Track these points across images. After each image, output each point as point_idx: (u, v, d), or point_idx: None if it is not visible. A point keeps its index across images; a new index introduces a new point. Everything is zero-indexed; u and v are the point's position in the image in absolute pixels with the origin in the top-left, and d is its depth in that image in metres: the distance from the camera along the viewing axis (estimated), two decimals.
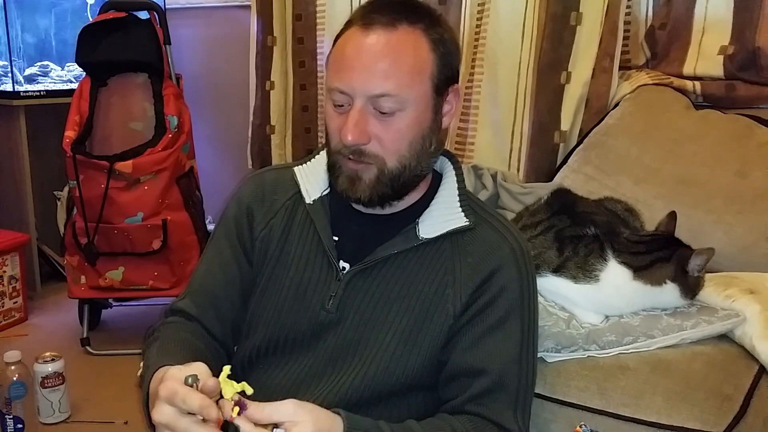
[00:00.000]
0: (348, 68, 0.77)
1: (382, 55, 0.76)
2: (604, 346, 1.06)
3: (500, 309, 0.83)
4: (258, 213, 0.91)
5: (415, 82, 0.78)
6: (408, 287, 0.84)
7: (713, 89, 1.69)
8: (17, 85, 2.36)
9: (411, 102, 0.78)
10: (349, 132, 0.77)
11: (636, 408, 0.98)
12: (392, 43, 0.77)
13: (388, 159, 0.80)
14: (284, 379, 0.86)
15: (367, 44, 0.77)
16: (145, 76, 2.08)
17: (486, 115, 1.90)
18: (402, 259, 0.84)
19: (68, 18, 2.50)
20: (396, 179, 0.81)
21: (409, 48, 0.78)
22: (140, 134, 2.05)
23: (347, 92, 0.78)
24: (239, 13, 2.47)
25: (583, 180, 1.58)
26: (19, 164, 2.40)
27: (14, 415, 1.52)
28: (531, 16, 1.80)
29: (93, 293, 2.05)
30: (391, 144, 0.79)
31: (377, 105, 0.77)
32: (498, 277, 0.83)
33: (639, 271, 1.07)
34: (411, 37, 0.78)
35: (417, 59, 0.78)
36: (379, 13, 0.78)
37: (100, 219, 1.93)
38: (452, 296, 0.83)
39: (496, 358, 0.82)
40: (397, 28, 0.77)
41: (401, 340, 0.83)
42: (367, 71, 0.76)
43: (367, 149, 0.79)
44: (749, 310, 1.07)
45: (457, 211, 0.85)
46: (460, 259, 0.84)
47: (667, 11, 1.79)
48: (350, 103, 0.78)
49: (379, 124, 0.78)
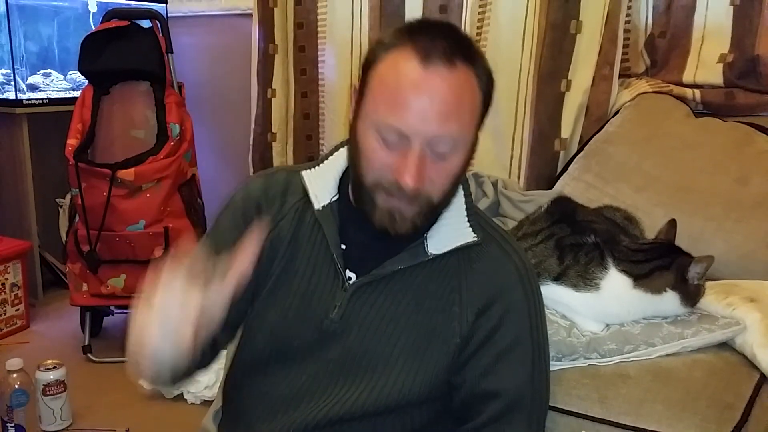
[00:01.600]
0: (407, 107, 0.73)
1: (447, 96, 0.73)
2: (605, 355, 1.06)
3: (510, 331, 0.83)
4: (266, 211, 0.89)
5: (470, 125, 0.77)
6: (415, 303, 0.83)
7: (713, 97, 1.69)
8: (20, 93, 2.38)
9: (465, 143, 0.77)
10: (412, 178, 0.74)
11: (637, 416, 0.97)
12: (453, 84, 0.74)
13: (436, 197, 0.79)
14: (287, 389, 0.85)
15: (428, 83, 0.73)
16: (147, 84, 2.09)
17: (486, 123, 1.90)
18: (409, 274, 0.83)
19: (71, 26, 2.52)
20: (436, 210, 0.81)
21: (468, 89, 0.76)
22: (142, 142, 2.06)
23: (406, 133, 0.74)
24: (241, 22, 2.49)
25: (583, 188, 1.59)
26: (22, 172, 2.41)
27: (16, 423, 1.53)
28: (531, 24, 1.81)
29: (95, 301, 2.05)
30: (442, 184, 0.78)
31: (434, 147, 0.75)
32: (504, 299, 0.83)
33: (639, 279, 1.07)
34: (467, 77, 0.75)
35: (473, 100, 0.77)
36: (433, 41, 0.74)
37: (102, 226, 1.93)
38: (458, 314, 0.83)
39: (510, 381, 0.82)
40: (456, 65, 0.74)
41: (407, 356, 0.82)
42: (433, 113, 0.73)
43: (422, 191, 0.77)
44: (750, 318, 1.07)
45: (466, 227, 0.85)
46: (467, 276, 0.84)
47: (666, 19, 1.80)
48: (404, 143, 0.74)
49: (434, 166, 0.76)
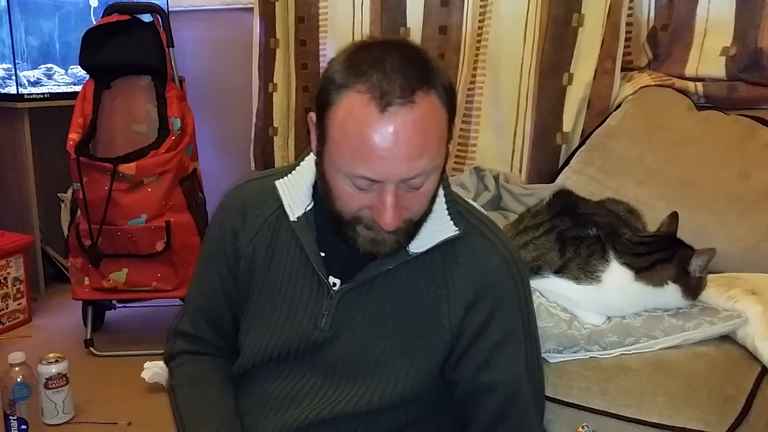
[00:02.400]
0: (374, 157, 0.71)
1: (412, 138, 0.71)
2: (606, 347, 1.06)
3: (503, 323, 0.83)
4: (241, 232, 0.89)
5: (441, 150, 0.75)
6: (402, 303, 0.83)
7: (715, 90, 1.68)
8: (21, 88, 2.38)
9: (437, 167, 0.76)
10: (391, 219, 0.73)
11: (638, 409, 0.97)
12: (417, 120, 0.71)
13: (415, 217, 0.78)
14: (279, 393, 0.85)
15: (391, 129, 0.70)
16: (148, 78, 2.09)
17: (488, 116, 1.90)
18: (393, 274, 0.83)
19: (72, 21, 2.51)
20: (416, 228, 0.80)
21: (432, 118, 0.73)
22: (144, 136, 2.06)
23: (378, 179, 0.73)
24: (242, 16, 2.48)
25: (585, 181, 1.59)
26: (23, 166, 2.41)
27: (18, 416, 1.53)
28: (533, 17, 1.80)
29: (97, 295, 2.05)
30: (421, 207, 0.78)
31: (408, 182, 0.74)
32: (494, 290, 0.83)
33: (641, 271, 1.07)
34: (429, 105, 0.72)
35: (439, 126, 0.74)
36: (387, 78, 0.71)
37: (103, 221, 1.93)
38: (447, 311, 0.82)
39: (507, 372, 0.83)
40: (415, 101, 0.71)
41: (398, 356, 0.82)
42: (400, 158, 0.71)
43: (399, 225, 0.76)
44: (751, 311, 1.07)
45: (446, 220, 0.84)
46: (452, 271, 0.83)
47: (669, 12, 1.79)
48: (377, 186, 0.74)
49: (410, 196, 0.75)
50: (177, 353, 0.98)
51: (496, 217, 1.57)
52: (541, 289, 1.12)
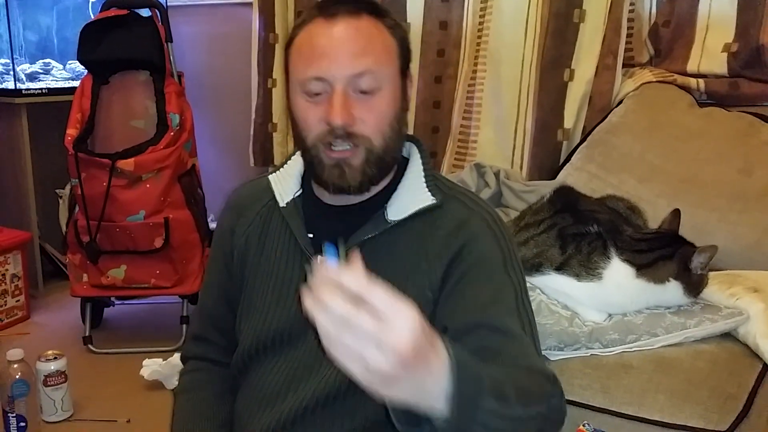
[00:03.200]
0: (322, 55, 0.78)
1: (355, 37, 0.79)
2: (608, 345, 1.05)
3: (485, 271, 0.82)
4: (236, 227, 0.94)
5: (388, 61, 0.81)
6: (384, 270, 0.82)
7: (717, 87, 1.68)
8: (19, 83, 2.36)
9: (387, 81, 0.80)
10: (338, 114, 0.78)
11: (639, 406, 0.97)
12: (361, 27, 0.80)
13: (375, 139, 0.81)
14: (277, 377, 0.87)
15: (337, 31, 0.79)
16: (146, 73, 2.08)
17: (489, 112, 1.89)
18: (375, 243, 0.85)
19: (70, 16, 2.50)
20: (382, 160, 0.82)
21: (376, 32, 0.81)
22: (142, 132, 2.05)
23: (326, 78, 0.78)
24: (241, 11, 2.47)
25: (586, 178, 1.58)
26: (21, 162, 2.40)
27: (17, 414, 1.53)
28: (534, 13, 1.79)
29: (95, 291, 2.05)
30: (376, 124, 0.80)
31: (357, 85, 0.78)
32: (474, 246, 0.83)
33: (642, 268, 1.07)
34: (375, 24, 0.81)
35: (385, 41, 0.81)
36: (338, 4, 0.81)
37: (102, 217, 1.93)
38: (427, 270, 0.83)
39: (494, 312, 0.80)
40: (361, 16, 0.80)
41: None
42: (345, 53, 0.78)
43: (355, 131, 0.80)
44: (753, 308, 1.07)
45: (424, 191, 0.86)
46: (432, 234, 0.84)
47: (670, 8, 1.78)
48: (328, 90, 0.79)
49: (361, 105, 0.79)
50: (188, 358, 1.02)
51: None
52: (542, 286, 1.12)
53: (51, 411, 1.65)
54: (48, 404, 1.64)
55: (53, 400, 1.64)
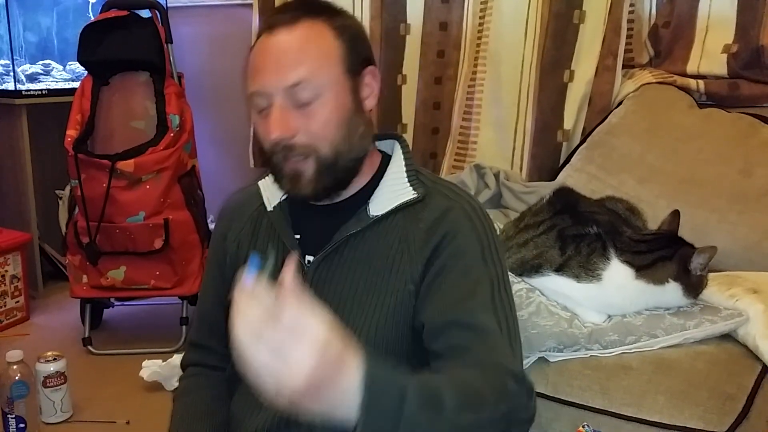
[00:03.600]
0: (259, 70, 0.80)
1: (288, 48, 0.80)
2: (607, 346, 1.05)
3: (462, 264, 0.82)
4: (228, 233, 0.96)
5: (325, 67, 0.81)
6: (367, 265, 0.85)
7: (717, 88, 1.68)
8: (19, 84, 2.36)
9: (326, 87, 0.80)
10: (272, 129, 0.79)
11: (639, 408, 0.97)
12: (295, 36, 0.80)
13: (320, 147, 0.81)
14: None
15: (272, 43, 0.80)
16: (146, 74, 2.08)
17: (488, 113, 1.89)
18: (358, 240, 0.86)
19: (70, 17, 2.50)
20: (333, 166, 0.83)
21: (312, 37, 0.81)
22: (142, 133, 2.05)
23: (264, 92, 0.80)
24: (241, 12, 2.47)
25: (586, 179, 1.58)
26: (21, 163, 2.40)
27: (16, 415, 1.53)
28: (534, 14, 1.79)
29: (95, 292, 2.05)
30: (319, 131, 0.81)
31: (294, 97, 0.79)
32: (454, 237, 0.83)
33: (641, 270, 1.07)
34: (313, 28, 0.81)
35: (322, 46, 0.81)
36: (280, 14, 0.83)
37: (101, 218, 1.93)
38: (408, 262, 0.84)
39: (468, 308, 0.80)
40: (297, 23, 0.81)
41: (370, 317, 0.84)
42: (277, 65, 0.79)
43: (296, 142, 0.80)
44: (752, 309, 1.07)
45: (406, 187, 0.87)
46: (413, 226, 0.85)
47: (670, 9, 1.78)
48: (269, 103, 0.80)
49: (301, 116, 0.80)
50: (187, 364, 1.03)
51: (497, 215, 1.56)
52: (541, 288, 1.12)
53: (50, 412, 1.65)
54: (47, 405, 1.64)
55: (53, 401, 1.64)
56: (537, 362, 1.07)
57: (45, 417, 1.65)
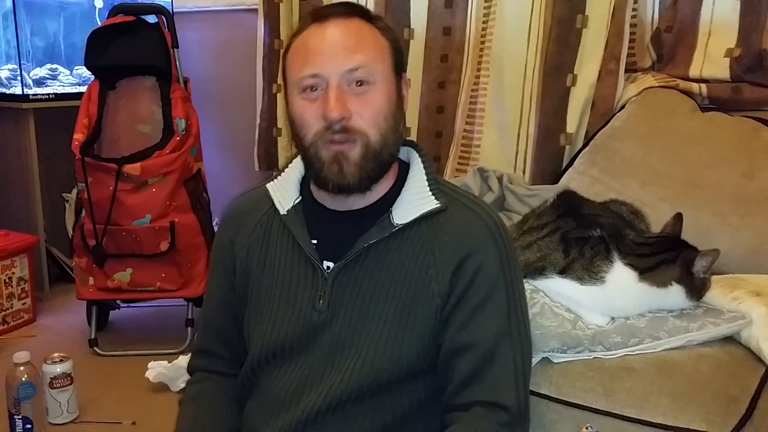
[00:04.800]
0: (316, 54, 0.81)
1: (347, 36, 0.82)
2: (610, 348, 1.06)
3: (484, 286, 0.84)
4: (236, 238, 0.94)
5: (380, 58, 0.84)
6: (392, 274, 0.85)
7: (719, 92, 1.68)
8: (26, 89, 2.39)
9: (380, 77, 0.83)
10: (333, 108, 0.80)
11: (642, 409, 0.98)
12: (352, 27, 0.83)
13: (371, 133, 0.82)
14: (287, 385, 0.87)
15: (329, 31, 0.82)
16: (153, 79, 2.10)
17: (492, 117, 1.90)
18: (382, 248, 0.85)
19: (77, 22, 2.53)
20: (379, 156, 0.83)
21: (368, 32, 0.84)
22: (148, 137, 2.07)
23: (321, 74, 0.81)
24: (246, 17, 2.49)
25: (588, 182, 1.59)
26: (28, 166, 2.42)
27: (23, 415, 1.54)
28: (537, 19, 1.80)
29: (101, 294, 2.06)
30: (371, 118, 0.82)
31: (351, 79, 0.81)
32: (476, 255, 0.84)
33: (644, 272, 1.07)
34: (366, 25, 0.85)
35: (377, 40, 0.84)
36: (330, 9, 0.85)
37: (108, 221, 1.94)
38: (435, 276, 0.84)
39: (485, 333, 0.83)
40: (352, 18, 0.84)
41: (393, 326, 0.84)
42: (338, 49, 0.81)
43: (352, 124, 0.81)
44: (755, 312, 1.07)
45: (428, 195, 0.87)
46: (438, 238, 0.85)
47: (673, 14, 1.79)
48: (323, 87, 0.81)
49: (356, 99, 0.81)
50: (193, 370, 1.02)
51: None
52: (545, 290, 1.13)
53: (57, 413, 1.66)
54: (54, 406, 1.65)
55: (59, 402, 1.65)
56: (541, 363, 1.07)
57: (51, 418, 1.66)
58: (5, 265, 2.20)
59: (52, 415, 1.66)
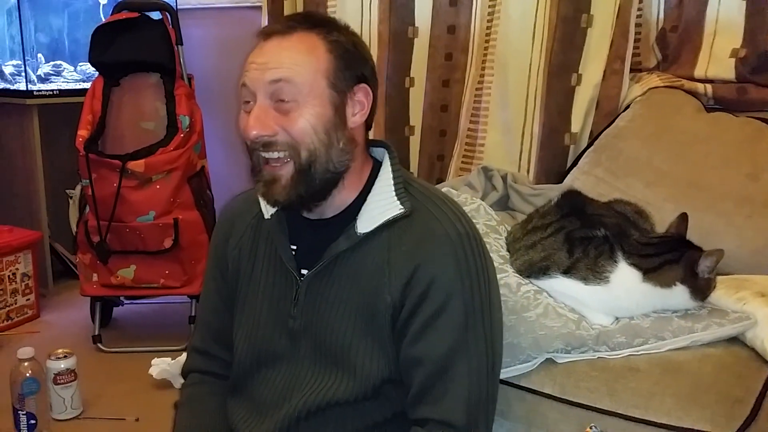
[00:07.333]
0: (249, 67, 0.83)
1: (277, 51, 0.82)
2: (615, 348, 1.06)
3: (438, 298, 0.82)
4: (230, 239, 0.96)
5: (309, 74, 0.81)
6: (355, 284, 0.85)
7: (725, 92, 1.68)
8: (30, 85, 2.39)
9: (307, 94, 0.81)
10: (251, 125, 0.81)
11: (646, 409, 0.98)
12: (286, 42, 0.83)
13: (301, 149, 0.81)
14: (269, 392, 0.89)
15: (265, 47, 0.83)
16: (157, 76, 2.10)
17: (496, 116, 1.90)
18: (348, 257, 0.85)
19: (81, 18, 2.53)
20: (309, 174, 0.82)
21: (303, 47, 0.82)
22: (152, 134, 2.07)
23: (248, 85, 0.82)
24: (250, 14, 2.49)
25: (593, 182, 1.58)
26: (32, 163, 2.42)
27: (27, 411, 1.54)
28: (541, 18, 1.80)
29: (105, 291, 2.07)
30: (298, 134, 0.81)
31: (276, 94, 0.81)
32: (430, 266, 0.82)
33: (648, 272, 1.07)
34: (305, 39, 0.83)
35: (310, 56, 0.82)
36: (277, 24, 0.85)
37: (112, 217, 1.94)
38: (389, 285, 0.83)
39: (435, 347, 0.81)
40: (292, 33, 0.83)
41: (362, 336, 0.84)
42: (264, 63, 0.82)
43: (277, 140, 0.81)
44: (760, 312, 1.07)
45: (393, 200, 0.85)
46: (397, 247, 0.84)
47: (678, 13, 1.78)
48: (254, 101, 0.82)
49: (281, 117, 0.81)
50: (189, 371, 1.03)
51: (504, 217, 1.57)
52: (549, 289, 1.13)
53: (60, 409, 1.66)
54: (58, 402, 1.66)
55: (63, 398, 1.66)
56: (545, 363, 1.07)
57: (55, 413, 1.66)
58: (9, 261, 2.20)
59: (56, 411, 1.66)
